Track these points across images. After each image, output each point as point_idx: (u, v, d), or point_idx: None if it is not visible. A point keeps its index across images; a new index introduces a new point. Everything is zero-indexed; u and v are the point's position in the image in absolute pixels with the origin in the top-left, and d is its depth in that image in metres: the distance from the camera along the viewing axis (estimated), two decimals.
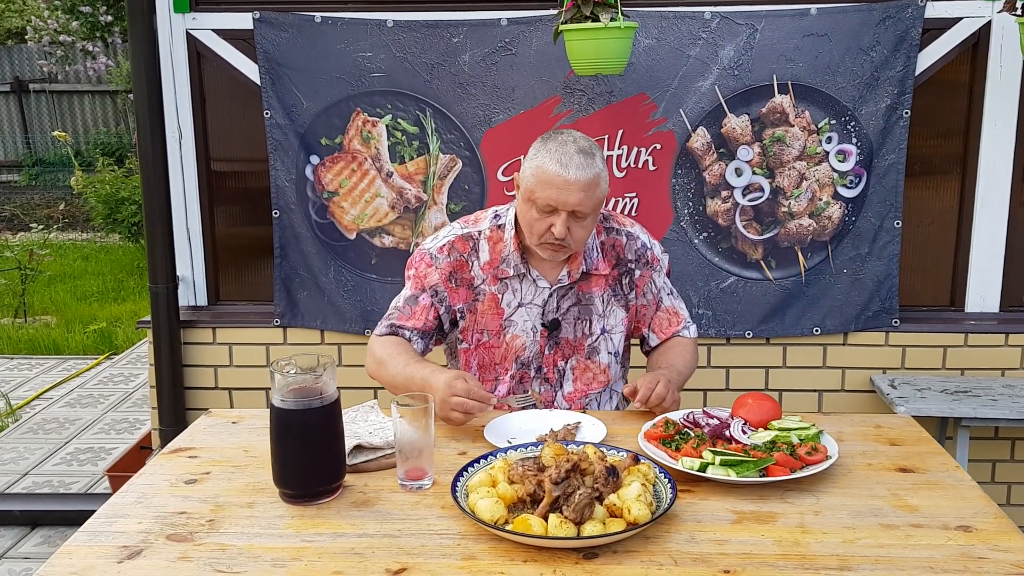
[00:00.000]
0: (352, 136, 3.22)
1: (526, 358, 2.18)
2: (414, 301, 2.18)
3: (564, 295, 2.17)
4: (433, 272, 2.17)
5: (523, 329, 2.17)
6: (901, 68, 3.08)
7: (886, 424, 1.97)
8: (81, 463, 4.05)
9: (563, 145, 2.00)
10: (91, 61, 11.48)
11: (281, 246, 3.32)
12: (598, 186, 2.00)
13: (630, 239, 2.23)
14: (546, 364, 2.20)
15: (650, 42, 3.11)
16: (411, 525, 1.53)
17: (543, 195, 1.98)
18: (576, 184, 1.96)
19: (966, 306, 3.31)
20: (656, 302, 2.27)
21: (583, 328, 2.19)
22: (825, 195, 3.18)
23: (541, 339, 2.17)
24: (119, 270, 7.93)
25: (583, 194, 1.97)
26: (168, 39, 3.25)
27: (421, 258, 2.19)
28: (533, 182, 2.00)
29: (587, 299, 2.18)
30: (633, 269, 2.22)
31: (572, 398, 2.21)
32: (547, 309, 2.17)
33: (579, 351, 2.20)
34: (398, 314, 2.20)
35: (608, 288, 2.20)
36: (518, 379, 2.20)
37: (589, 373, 2.21)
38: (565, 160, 1.97)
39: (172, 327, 3.32)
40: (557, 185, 1.96)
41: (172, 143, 3.31)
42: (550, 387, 2.21)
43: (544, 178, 1.98)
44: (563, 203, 1.97)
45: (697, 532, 1.49)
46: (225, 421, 2.02)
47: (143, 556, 1.43)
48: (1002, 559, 1.40)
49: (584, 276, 2.17)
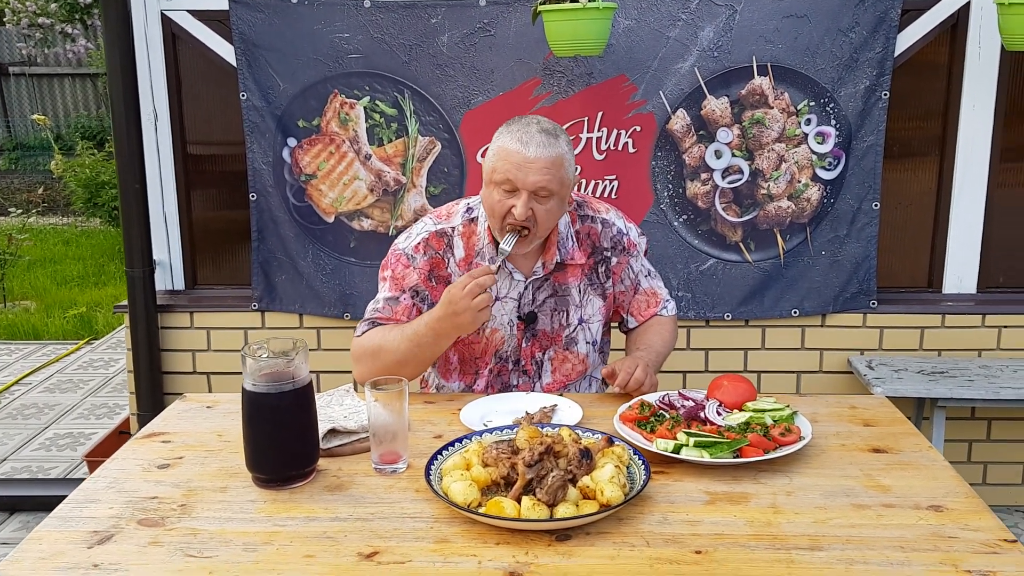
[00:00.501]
0: (330, 118, 3.20)
1: (504, 351, 2.17)
2: (395, 302, 2.12)
3: (540, 287, 2.15)
4: (412, 273, 2.11)
5: (501, 323, 2.14)
6: (880, 49, 3.08)
7: (860, 405, 1.98)
8: (60, 448, 4.02)
9: (526, 126, 1.98)
10: (71, 44, 11.34)
11: (259, 229, 3.29)
12: (561, 167, 1.97)
13: (605, 226, 2.19)
14: (524, 356, 2.18)
15: (630, 23, 3.09)
16: (384, 509, 1.52)
17: (502, 173, 1.95)
18: (536, 162, 1.93)
19: (943, 287, 3.33)
20: (634, 287, 2.26)
21: (560, 319, 2.17)
22: (804, 177, 3.18)
23: (518, 332, 2.16)
24: (100, 254, 7.87)
25: (545, 172, 1.93)
26: (143, 20, 3.21)
27: (397, 259, 2.13)
28: (494, 161, 1.98)
29: (563, 290, 2.16)
30: (609, 257, 2.19)
31: (551, 389, 2.20)
32: (523, 302, 2.14)
33: (557, 342, 2.18)
34: (379, 315, 2.13)
35: (584, 278, 2.17)
36: (496, 372, 2.19)
37: (568, 364, 2.20)
38: (526, 139, 1.95)
39: (149, 312, 3.30)
40: (516, 163, 1.94)
41: (147, 126, 3.27)
42: (528, 379, 2.20)
43: (504, 156, 1.96)
44: (523, 182, 1.94)
45: (670, 513, 1.50)
46: (199, 406, 2.01)
47: (113, 541, 1.43)
48: (972, 538, 1.41)
49: (559, 267, 2.14)
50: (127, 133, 3.18)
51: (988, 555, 1.36)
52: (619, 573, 1.32)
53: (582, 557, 1.36)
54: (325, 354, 3.36)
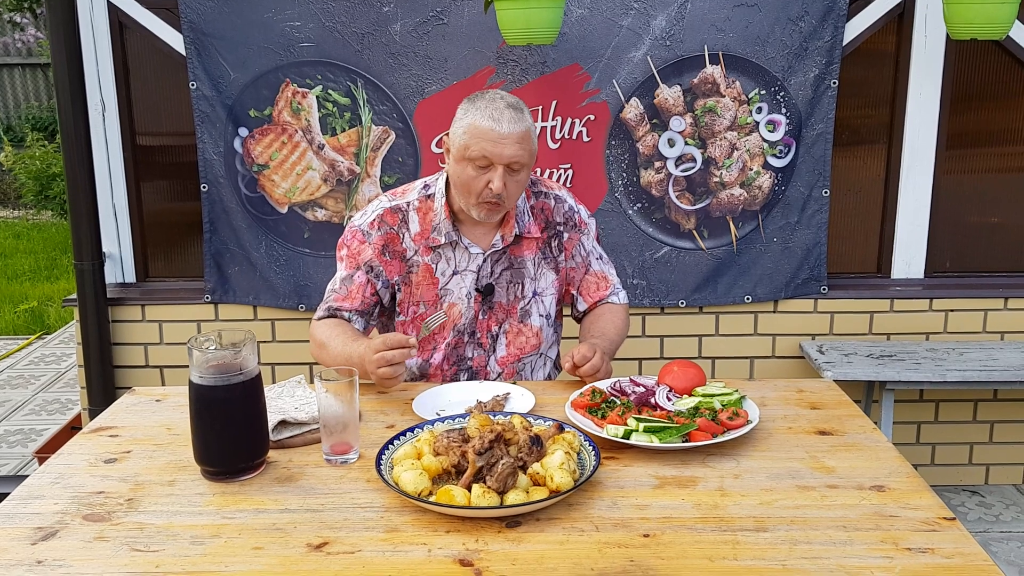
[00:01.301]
0: (282, 108, 3.17)
1: (462, 325, 2.19)
2: (349, 281, 2.17)
3: (497, 259, 2.19)
4: (367, 248, 2.16)
5: (459, 297, 2.18)
6: (829, 38, 3.12)
7: (808, 388, 2.01)
8: (11, 445, 3.95)
9: (492, 101, 2.03)
10: (19, 33, 11.09)
11: (210, 220, 3.25)
12: (530, 139, 2.04)
13: (558, 202, 2.26)
14: (480, 329, 2.21)
15: (582, 12, 3.09)
16: (335, 499, 1.52)
17: (478, 149, 2.00)
18: (510, 137, 1.99)
19: (892, 273, 3.39)
20: (585, 265, 2.29)
21: (515, 291, 2.21)
22: (755, 165, 3.22)
23: (475, 304, 2.19)
24: (51, 248, 7.73)
25: (517, 147, 2.00)
26: (88, 9, 3.15)
27: (353, 235, 2.18)
28: (466, 139, 2.02)
29: (519, 263, 2.21)
30: (562, 232, 2.24)
31: (505, 362, 2.23)
32: (481, 275, 2.18)
33: (512, 315, 2.22)
34: (335, 296, 2.18)
35: (539, 251, 2.22)
36: (453, 345, 2.21)
37: (522, 337, 2.24)
38: (497, 115, 2.00)
39: (99, 305, 3.25)
40: (492, 139, 1.99)
41: (95, 116, 3.22)
42: (483, 352, 2.22)
43: (478, 133, 2.00)
44: (499, 156, 1.99)
45: (619, 498, 1.51)
46: (149, 399, 1.98)
47: (58, 537, 1.41)
48: (912, 516, 1.44)
49: (516, 240, 2.19)
50: (74, 123, 3.13)
51: (927, 532, 1.39)
52: (568, 558, 1.33)
53: (532, 543, 1.37)
54: (280, 346, 3.34)
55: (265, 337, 3.32)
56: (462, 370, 2.22)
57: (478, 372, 2.23)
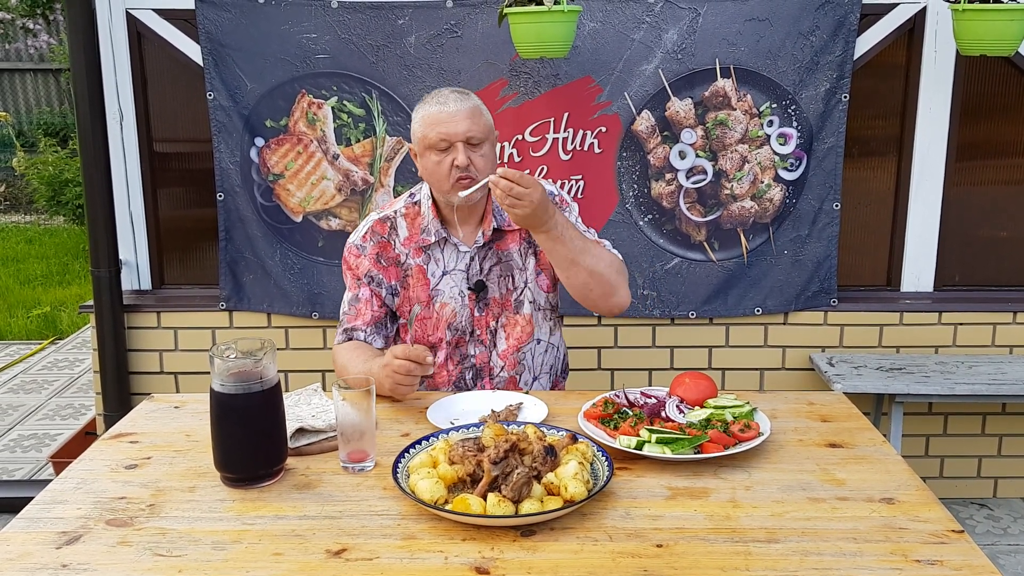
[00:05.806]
0: (297, 118, 3.20)
1: (458, 324, 2.25)
2: (356, 299, 2.26)
3: (485, 256, 2.25)
4: (363, 260, 2.24)
5: (451, 296, 2.24)
6: (840, 52, 3.14)
7: (818, 401, 2.03)
8: (25, 449, 3.99)
9: (437, 93, 2.17)
10: (32, 39, 11.18)
11: (226, 229, 3.29)
12: (481, 114, 2.14)
13: None
14: (478, 326, 2.26)
15: (595, 25, 3.13)
16: (352, 506, 1.55)
17: (435, 134, 2.10)
18: (460, 113, 2.10)
19: (902, 286, 3.40)
20: None
21: (507, 284, 2.26)
22: (766, 178, 3.24)
23: (470, 302, 2.24)
24: (64, 253, 7.77)
25: (469, 121, 2.10)
26: (107, 19, 3.20)
27: (349, 252, 2.28)
28: (423, 130, 2.13)
29: (506, 256, 2.26)
30: None
31: (506, 355, 2.28)
32: (471, 272, 2.24)
33: (507, 307, 2.27)
34: (347, 317, 2.26)
35: (523, 241, 2.27)
36: (454, 344, 2.26)
37: (518, 328, 2.28)
38: (442, 100, 2.13)
39: (115, 312, 3.29)
40: (443, 120, 2.10)
41: (113, 124, 3.26)
42: (485, 348, 2.27)
43: (430, 120, 2.12)
44: (454, 134, 2.09)
45: (633, 508, 1.53)
46: (167, 406, 2.01)
47: (82, 541, 1.44)
48: (921, 529, 1.46)
49: (499, 235, 2.24)
50: (92, 132, 3.17)
51: (936, 545, 1.41)
52: (582, 567, 1.36)
53: (546, 552, 1.40)
54: (293, 353, 3.37)
55: (279, 344, 3.35)
56: (466, 368, 2.27)
57: (482, 368, 2.28)
